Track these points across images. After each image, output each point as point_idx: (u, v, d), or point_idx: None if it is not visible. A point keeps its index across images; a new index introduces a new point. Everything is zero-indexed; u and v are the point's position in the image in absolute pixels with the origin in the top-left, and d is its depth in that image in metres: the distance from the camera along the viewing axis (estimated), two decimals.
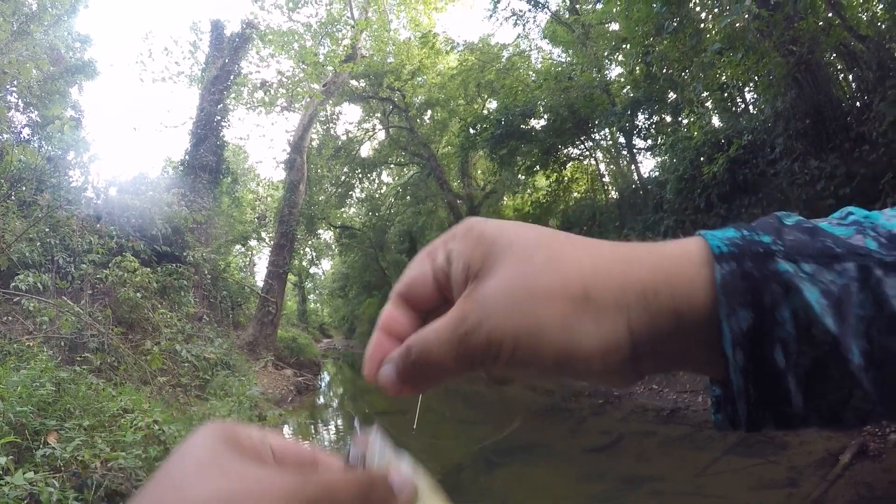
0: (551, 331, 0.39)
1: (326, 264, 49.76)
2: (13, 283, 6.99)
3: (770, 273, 0.38)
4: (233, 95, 17.25)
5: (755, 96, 11.48)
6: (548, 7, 18.08)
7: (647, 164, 23.60)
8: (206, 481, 0.36)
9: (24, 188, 8.78)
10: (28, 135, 13.78)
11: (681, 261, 0.40)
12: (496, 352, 0.39)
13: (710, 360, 0.40)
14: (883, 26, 8.36)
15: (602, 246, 0.42)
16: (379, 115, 27.59)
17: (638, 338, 0.39)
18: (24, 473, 3.42)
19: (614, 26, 15.57)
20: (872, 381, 0.36)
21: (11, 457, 3.69)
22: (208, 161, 15.41)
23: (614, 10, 14.46)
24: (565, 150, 17.73)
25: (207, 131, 15.74)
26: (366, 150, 30.05)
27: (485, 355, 0.40)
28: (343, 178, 29.36)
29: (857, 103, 8.52)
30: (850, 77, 9.07)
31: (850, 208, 0.43)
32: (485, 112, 20.08)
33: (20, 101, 13.65)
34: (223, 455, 0.39)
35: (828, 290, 0.37)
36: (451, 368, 0.42)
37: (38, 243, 8.19)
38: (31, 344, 6.18)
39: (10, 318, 6.88)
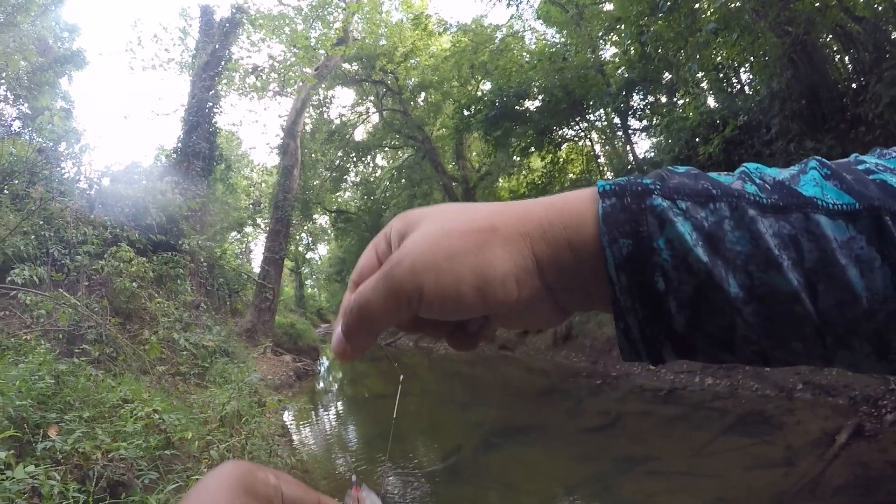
0: (466, 256, 0.44)
1: (323, 249, 49.73)
2: (9, 278, 6.95)
3: (647, 207, 0.42)
4: (224, 81, 17.12)
5: (751, 77, 11.44)
6: None
7: (643, 145, 23.59)
8: None
9: (16, 181, 8.71)
10: (19, 127, 13.66)
11: (571, 199, 0.46)
12: (420, 282, 0.44)
13: (605, 291, 0.44)
14: (879, 8, 8.30)
15: (509, 202, 0.49)
16: (372, 98, 27.44)
17: (542, 264, 0.45)
18: (25, 467, 3.42)
19: (608, 6, 15.48)
20: (755, 314, 0.40)
21: (12, 451, 3.70)
22: (201, 148, 15.31)
23: None
24: (560, 131, 17.69)
25: (199, 118, 15.62)
26: (360, 134, 29.93)
27: (411, 288, 0.44)
28: (337, 162, 29.28)
29: (854, 84, 8.49)
30: (846, 58, 9.04)
31: (747, 164, 0.48)
32: (479, 94, 19.96)
33: (9, 93, 13.52)
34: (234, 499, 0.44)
35: (699, 225, 0.41)
36: (385, 311, 0.46)
37: (33, 236, 8.15)
38: (29, 337, 6.16)
39: (7, 312, 6.86)
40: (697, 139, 10.63)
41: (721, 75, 12.08)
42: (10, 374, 4.61)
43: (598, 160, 18.11)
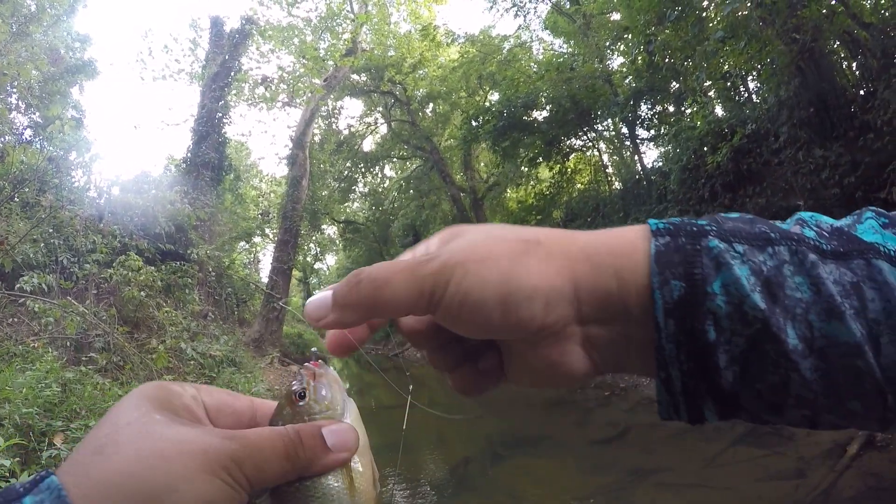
0: (500, 261, 0.41)
1: (331, 259, 49.82)
2: (18, 285, 7.00)
3: (702, 248, 0.39)
4: (234, 92, 17.26)
5: (758, 85, 11.42)
6: None
7: (651, 155, 23.51)
8: (129, 446, 0.39)
9: (26, 189, 8.79)
10: (30, 136, 13.84)
11: (621, 234, 0.43)
12: (447, 277, 0.41)
13: (647, 331, 0.40)
14: (887, 13, 8.28)
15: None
16: (381, 108, 27.57)
17: (581, 288, 0.41)
18: (30, 475, 3.42)
19: (615, 16, 15.51)
20: (813, 369, 0.37)
21: (18, 459, 3.70)
22: (210, 158, 15.43)
23: None
24: (568, 142, 17.69)
25: (209, 128, 15.75)
26: (368, 145, 30.02)
27: (436, 280, 0.41)
28: (346, 172, 29.37)
29: (861, 91, 8.46)
30: (854, 65, 9.02)
31: (801, 213, 0.45)
32: (487, 104, 20.01)
33: (21, 102, 13.68)
34: (150, 416, 0.41)
35: (758, 270, 0.38)
36: (400, 295, 0.42)
37: (42, 244, 8.21)
38: (37, 345, 6.19)
39: (15, 319, 6.90)
40: (705, 148, 10.61)
41: (729, 84, 12.06)
42: (17, 381, 4.62)
43: (607, 170, 18.08)
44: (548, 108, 16.61)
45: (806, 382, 0.37)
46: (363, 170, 30.31)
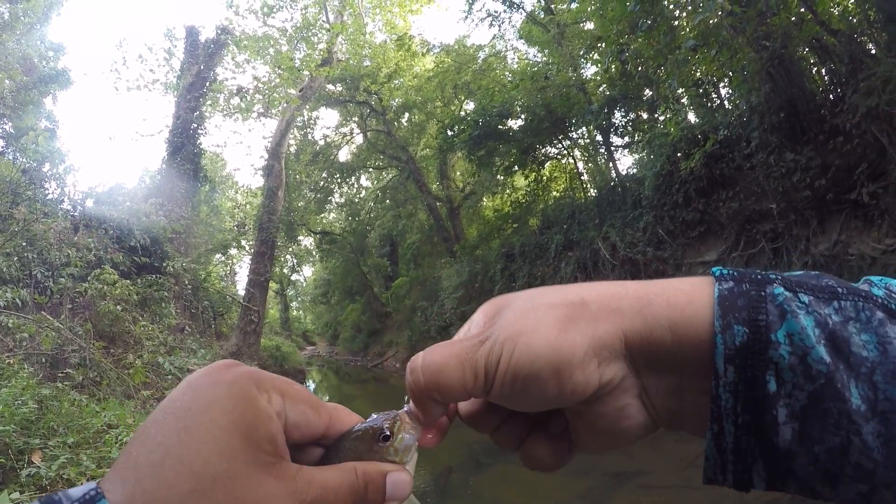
0: (548, 329, 0.40)
1: (308, 271, 49.57)
2: None
3: (767, 294, 0.38)
4: (209, 102, 17.12)
5: (730, 92, 11.61)
6: (523, 7, 18.16)
7: (625, 162, 23.83)
8: None
9: None
10: (2, 147, 13.58)
11: (679, 281, 0.42)
12: (497, 356, 0.40)
13: (702, 383, 0.39)
14: (854, 20, 8.50)
15: (606, 282, 0.44)
16: (356, 118, 27.54)
17: (632, 342, 0.40)
18: (9, 494, 3.36)
19: (589, 25, 15.68)
20: (875, 435, 0.34)
21: None
22: (186, 169, 15.26)
23: (589, 9, 14.58)
24: (543, 150, 17.82)
25: (184, 139, 15.59)
26: (344, 155, 29.96)
27: (486, 362, 0.41)
28: (322, 183, 29.27)
29: (831, 96, 8.65)
30: (823, 71, 9.20)
31: (871, 277, 0.42)
32: (462, 113, 20.12)
33: None
34: (237, 470, 0.36)
35: (823, 322, 0.36)
36: (451, 384, 0.42)
37: (16, 258, 8.06)
38: (12, 361, 6.06)
39: None
40: (679, 154, 10.75)
41: (701, 91, 12.24)
42: None
43: (582, 177, 18.24)
44: (523, 116, 16.72)
45: (867, 449, 0.35)
46: (339, 180, 30.22)
